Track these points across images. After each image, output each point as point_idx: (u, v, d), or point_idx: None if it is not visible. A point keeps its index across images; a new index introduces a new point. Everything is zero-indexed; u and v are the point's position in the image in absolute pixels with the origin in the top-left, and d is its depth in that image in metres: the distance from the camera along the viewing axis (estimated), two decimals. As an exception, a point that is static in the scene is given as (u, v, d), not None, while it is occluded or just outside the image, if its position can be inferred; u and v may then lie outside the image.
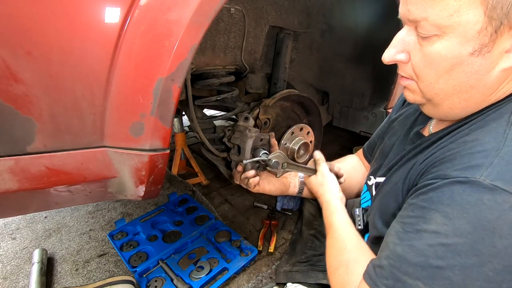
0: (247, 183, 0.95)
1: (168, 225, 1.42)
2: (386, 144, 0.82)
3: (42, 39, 0.57)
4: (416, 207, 0.52)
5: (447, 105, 0.54)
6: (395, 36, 0.54)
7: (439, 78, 0.51)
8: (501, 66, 0.47)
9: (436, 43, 0.48)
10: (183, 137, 1.90)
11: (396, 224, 0.56)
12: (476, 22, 0.43)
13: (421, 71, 0.52)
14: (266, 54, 1.44)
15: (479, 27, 0.44)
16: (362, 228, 0.77)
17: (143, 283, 1.11)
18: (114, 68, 0.63)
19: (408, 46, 0.53)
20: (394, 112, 0.89)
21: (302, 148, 1.46)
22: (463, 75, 0.49)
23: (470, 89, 0.50)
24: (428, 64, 0.50)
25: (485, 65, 0.47)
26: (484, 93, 0.51)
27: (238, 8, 1.15)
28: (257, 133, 1.01)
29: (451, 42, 0.46)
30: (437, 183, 0.50)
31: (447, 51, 0.47)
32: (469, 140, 0.51)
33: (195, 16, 0.63)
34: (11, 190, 0.63)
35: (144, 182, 0.76)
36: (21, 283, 1.16)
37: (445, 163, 0.51)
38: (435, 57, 0.49)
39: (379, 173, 0.77)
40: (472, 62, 0.47)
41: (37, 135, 0.62)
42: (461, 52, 0.46)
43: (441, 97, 0.53)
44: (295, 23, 1.40)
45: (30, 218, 1.55)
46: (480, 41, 0.45)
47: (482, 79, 0.48)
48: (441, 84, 0.51)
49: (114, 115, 0.67)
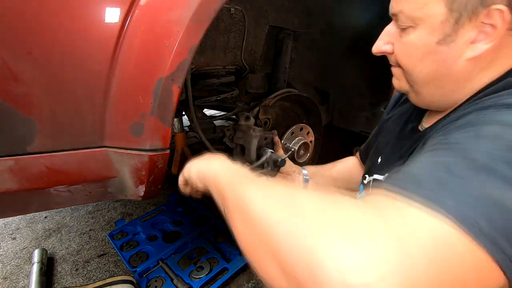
0: None
1: (168, 225, 1.42)
2: (380, 142, 0.82)
3: (42, 39, 0.57)
4: (452, 130, 0.43)
5: (426, 93, 0.59)
6: (383, 30, 0.61)
7: (415, 66, 0.57)
8: (467, 55, 0.51)
9: (411, 34, 0.54)
10: (183, 137, 1.89)
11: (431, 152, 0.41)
12: (440, 14, 0.50)
13: (400, 60, 0.59)
14: (266, 54, 1.44)
15: (442, 18, 0.50)
16: None
17: (143, 283, 1.11)
18: (114, 68, 0.63)
19: (392, 38, 0.59)
20: (386, 113, 0.90)
21: (302, 148, 1.46)
22: (434, 63, 0.54)
23: (442, 76, 0.55)
24: (405, 53, 0.57)
25: (451, 53, 0.52)
26: (456, 81, 0.55)
27: (238, 8, 1.15)
28: (261, 132, 1.01)
29: (422, 32, 0.53)
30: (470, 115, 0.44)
31: (419, 41, 0.54)
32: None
33: (195, 16, 0.63)
34: (11, 190, 0.63)
35: (144, 182, 0.76)
36: (21, 283, 1.17)
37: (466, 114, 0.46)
38: (410, 46, 0.55)
39: (375, 170, 0.77)
40: (440, 51, 0.52)
41: (37, 135, 0.62)
42: (430, 40, 0.52)
43: (420, 84, 0.59)
44: (295, 23, 1.40)
45: (30, 218, 1.55)
46: (443, 31, 0.51)
47: (451, 67, 0.53)
48: (417, 72, 0.57)
49: (114, 115, 0.67)
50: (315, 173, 1.00)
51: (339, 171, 1.01)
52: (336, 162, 1.06)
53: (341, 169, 1.02)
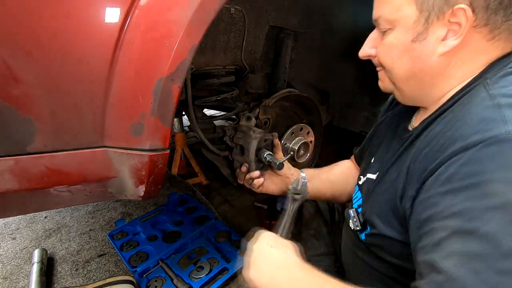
0: (251, 184, 0.95)
1: (168, 225, 1.42)
2: (373, 144, 0.85)
3: (42, 39, 0.57)
4: (460, 190, 0.44)
5: (407, 89, 0.64)
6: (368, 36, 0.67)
7: (394, 63, 0.62)
8: (439, 51, 0.55)
9: (390, 35, 0.60)
10: (183, 137, 1.90)
11: (444, 222, 0.44)
12: (412, 14, 0.55)
13: (382, 60, 0.64)
14: (266, 54, 1.44)
15: (414, 18, 0.55)
16: (360, 228, 0.76)
17: (143, 283, 1.11)
18: (114, 68, 0.63)
19: (375, 42, 0.65)
20: (380, 117, 0.92)
21: (302, 148, 1.47)
22: (410, 60, 0.59)
23: (419, 72, 0.59)
24: (386, 53, 0.62)
25: (424, 50, 0.57)
26: (433, 76, 0.59)
27: (238, 8, 1.15)
28: (262, 133, 1.01)
29: (398, 32, 0.58)
30: (465, 156, 0.45)
31: (396, 40, 0.59)
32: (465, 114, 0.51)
33: (195, 16, 0.63)
34: (11, 190, 0.63)
35: (144, 182, 0.76)
36: (21, 283, 1.17)
37: (455, 137, 0.48)
38: (389, 46, 0.61)
39: (368, 170, 0.78)
40: (414, 48, 0.57)
41: (37, 135, 0.62)
42: (405, 39, 0.58)
43: (400, 81, 0.63)
44: (295, 23, 1.40)
45: (30, 218, 1.55)
46: (416, 30, 0.56)
47: (425, 63, 0.58)
48: (396, 69, 0.62)
49: (114, 115, 0.67)
50: (313, 176, 1.01)
51: (336, 174, 1.03)
52: (333, 165, 1.08)
53: (337, 172, 1.04)
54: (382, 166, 0.71)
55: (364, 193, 0.78)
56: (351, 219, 0.77)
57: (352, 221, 0.77)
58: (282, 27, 1.37)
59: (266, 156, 0.97)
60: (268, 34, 1.35)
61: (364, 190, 0.79)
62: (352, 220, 0.77)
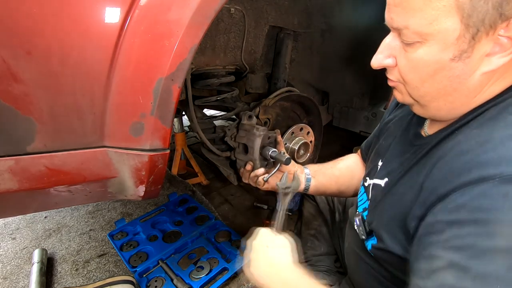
0: (257, 181, 0.95)
1: (168, 225, 1.42)
2: (382, 145, 0.81)
3: (42, 39, 0.57)
4: (467, 223, 0.43)
5: (433, 107, 0.56)
6: (382, 41, 0.56)
7: (424, 82, 0.53)
8: (482, 69, 0.48)
9: (419, 49, 0.50)
10: (183, 137, 1.90)
11: (443, 252, 0.44)
12: (454, 29, 0.45)
13: (406, 76, 0.54)
14: (266, 54, 1.44)
15: (457, 34, 0.46)
16: (365, 237, 0.73)
17: (143, 283, 1.11)
18: (114, 68, 0.63)
19: (394, 51, 0.55)
20: (387, 114, 0.89)
21: (302, 148, 1.47)
22: (446, 79, 0.50)
23: (453, 92, 0.52)
24: (412, 69, 0.53)
25: (466, 69, 0.48)
26: (468, 96, 0.52)
27: (238, 8, 1.15)
28: (265, 131, 1.01)
29: (432, 48, 0.48)
30: (479, 188, 0.43)
31: (429, 57, 0.49)
32: (482, 139, 0.48)
33: (195, 16, 0.63)
34: (11, 190, 0.63)
35: (144, 182, 0.76)
36: (21, 283, 1.17)
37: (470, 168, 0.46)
38: (418, 62, 0.51)
39: (374, 174, 0.76)
40: (453, 67, 0.49)
41: (37, 135, 0.62)
42: (442, 57, 0.48)
43: (427, 99, 0.55)
44: (295, 23, 1.40)
45: (30, 218, 1.55)
46: (459, 47, 0.47)
47: (464, 82, 0.50)
48: (426, 88, 0.53)
49: (114, 115, 0.67)
50: (317, 171, 0.99)
51: (341, 169, 1.01)
52: (337, 160, 1.06)
53: (342, 167, 1.02)
54: (392, 174, 0.68)
55: (372, 199, 0.75)
56: (357, 228, 0.75)
57: (358, 229, 0.75)
58: (282, 27, 1.37)
59: (272, 153, 0.97)
60: (268, 34, 1.35)
61: (371, 196, 0.76)
62: (358, 228, 0.74)
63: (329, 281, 0.97)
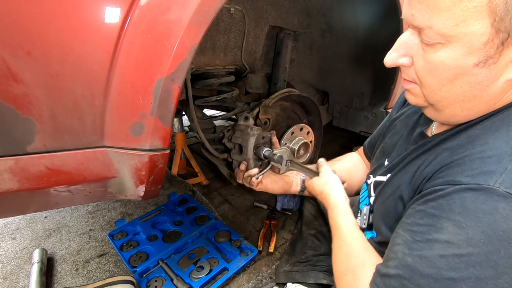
0: (250, 182, 0.95)
1: (168, 225, 1.42)
2: (387, 143, 0.81)
3: (42, 39, 0.57)
4: (425, 214, 0.51)
5: (449, 112, 0.53)
6: (398, 38, 0.53)
7: (442, 86, 0.50)
8: (506, 77, 0.46)
9: (440, 51, 0.46)
10: (183, 137, 1.90)
11: (403, 232, 0.54)
12: (483, 33, 0.42)
13: (424, 78, 0.51)
14: (266, 54, 1.44)
15: (485, 38, 0.42)
16: (365, 227, 0.76)
17: (143, 283, 1.11)
18: (114, 68, 0.63)
19: (411, 50, 0.51)
20: (395, 111, 0.88)
21: (302, 148, 1.46)
22: (467, 85, 0.48)
23: (473, 98, 0.49)
24: (431, 72, 0.49)
25: (489, 76, 0.46)
26: (487, 103, 0.50)
27: (238, 8, 1.15)
28: (259, 131, 1.01)
29: (456, 51, 0.45)
30: (447, 190, 0.48)
31: (451, 61, 0.46)
32: (478, 144, 0.49)
33: (195, 16, 0.63)
34: (11, 190, 0.63)
35: (144, 182, 0.76)
36: (21, 283, 1.16)
37: (454, 167, 0.50)
38: (438, 65, 0.48)
39: (379, 172, 0.77)
40: (476, 73, 0.46)
41: (37, 135, 0.62)
42: (465, 62, 0.45)
43: (444, 104, 0.52)
44: (295, 23, 1.40)
45: (30, 218, 1.55)
46: (485, 53, 0.43)
47: (485, 89, 0.47)
48: (443, 92, 0.50)
49: (114, 115, 0.67)
50: None
51: (338, 170, 1.01)
52: (334, 160, 1.06)
53: (340, 168, 1.02)
54: (393, 170, 0.69)
55: (371, 194, 0.78)
56: (361, 216, 0.79)
57: (361, 218, 0.78)
58: (282, 27, 1.37)
59: (265, 153, 0.96)
60: (268, 34, 1.35)
61: (371, 191, 0.78)
62: (362, 217, 0.78)
63: (329, 281, 0.97)
